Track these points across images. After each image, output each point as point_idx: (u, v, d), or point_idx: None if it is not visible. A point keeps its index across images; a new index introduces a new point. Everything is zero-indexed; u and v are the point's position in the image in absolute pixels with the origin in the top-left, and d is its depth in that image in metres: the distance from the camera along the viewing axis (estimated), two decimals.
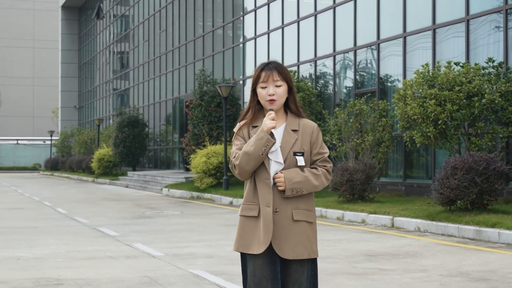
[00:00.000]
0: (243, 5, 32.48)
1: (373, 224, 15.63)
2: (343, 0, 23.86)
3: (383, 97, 21.37)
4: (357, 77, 23.19)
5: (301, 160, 4.51)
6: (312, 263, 4.57)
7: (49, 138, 69.32)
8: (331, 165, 4.60)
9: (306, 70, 26.22)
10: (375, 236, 13.55)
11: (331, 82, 24.72)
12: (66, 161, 56.60)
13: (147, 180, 34.76)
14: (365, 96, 20.94)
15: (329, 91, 24.96)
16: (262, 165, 4.50)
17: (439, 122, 15.28)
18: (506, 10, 16.89)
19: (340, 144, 19.97)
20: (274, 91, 4.53)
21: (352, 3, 23.33)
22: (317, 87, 25.34)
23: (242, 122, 4.65)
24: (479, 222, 12.88)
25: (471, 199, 13.75)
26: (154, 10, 45.66)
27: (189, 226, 15.73)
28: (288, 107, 4.64)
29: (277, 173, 4.47)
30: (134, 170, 42.96)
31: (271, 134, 4.49)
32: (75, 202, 24.42)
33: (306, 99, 23.20)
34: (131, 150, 42.08)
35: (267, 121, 4.45)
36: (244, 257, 4.58)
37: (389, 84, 21.82)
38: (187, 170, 33.71)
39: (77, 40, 69.65)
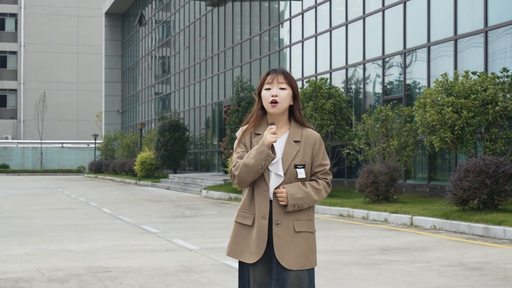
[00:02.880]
0: (279, 14, 33.81)
1: (394, 222, 16.84)
2: (372, 11, 25.08)
3: (409, 103, 22.49)
4: (385, 84, 24.38)
5: (301, 173, 4.52)
6: (311, 270, 4.62)
7: (93, 141, 71.23)
8: (331, 177, 4.65)
9: (338, 77, 27.43)
10: (393, 233, 14.77)
11: (361, 89, 25.91)
12: (109, 164, 58.23)
13: (187, 182, 36.19)
14: (391, 103, 22.11)
15: (359, 97, 26.16)
16: (261, 177, 4.53)
17: (456, 128, 16.43)
18: None
19: (368, 148, 21.16)
20: (277, 93, 4.53)
21: (380, 13, 24.55)
22: (350, 93, 26.55)
23: (245, 128, 4.66)
24: (487, 220, 14.05)
25: (483, 199, 14.91)
26: (195, 17, 47.17)
27: (224, 225, 17.03)
28: (293, 115, 4.65)
29: (279, 188, 4.50)
30: (175, 172, 44.42)
31: (272, 148, 4.50)
32: (119, 203, 25.90)
33: (337, 105, 24.38)
34: (172, 153, 43.53)
35: (268, 135, 4.45)
36: (240, 263, 4.65)
37: (417, 90, 22.93)
38: (226, 172, 35.06)
39: (120, 46, 71.49)
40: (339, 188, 25.32)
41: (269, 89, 4.55)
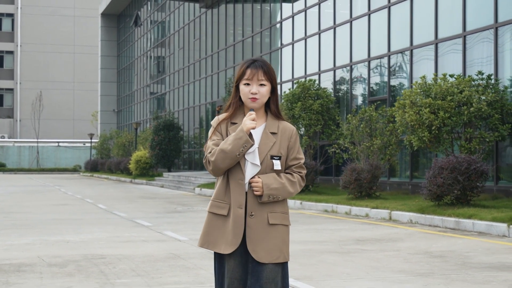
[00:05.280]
0: (271, 17, 34.76)
1: (374, 217, 17.79)
2: (359, 15, 26.04)
3: (393, 104, 23.40)
4: (371, 85, 25.34)
5: (277, 164, 4.46)
6: (285, 264, 4.54)
7: (89, 140, 72.05)
8: (305, 171, 4.63)
9: (326, 79, 28.37)
10: (371, 226, 15.71)
11: (348, 90, 26.87)
12: (105, 162, 59.05)
13: (181, 180, 37.08)
14: (375, 104, 23.05)
15: (346, 98, 27.11)
16: (237, 165, 4.44)
17: (433, 128, 17.38)
18: (496, 27, 18.96)
19: (352, 147, 22.09)
20: (258, 90, 4.45)
21: (366, 18, 25.50)
22: (338, 94, 27.49)
23: (221, 117, 4.57)
24: (458, 214, 15.02)
25: (456, 195, 15.86)
26: (189, 19, 48.10)
27: None
28: (269, 108, 4.59)
29: (254, 178, 4.42)
30: (169, 171, 45.29)
31: (250, 135, 4.41)
32: (114, 199, 26.81)
33: (325, 105, 25.31)
34: (167, 152, 44.40)
35: (247, 121, 4.38)
36: (216, 255, 4.56)
37: (401, 92, 23.84)
38: None
39: (116, 46, 72.33)
40: (327, 185, 26.26)
41: (248, 84, 4.47)
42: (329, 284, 8.58)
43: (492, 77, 18.28)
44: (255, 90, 4.43)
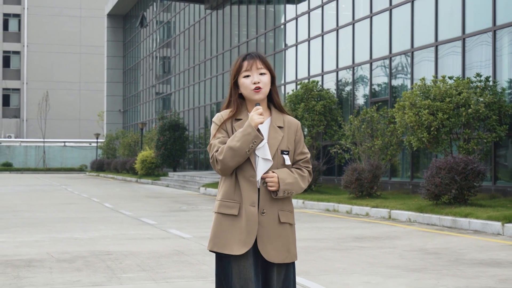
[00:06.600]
0: (275, 18, 35.16)
1: (374, 216, 18.20)
2: (361, 17, 26.44)
3: (394, 106, 23.81)
4: (373, 86, 25.74)
5: (288, 159, 4.33)
6: (293, 264, 4.43)
7: (95, 140, 72.52)
8: (311, 166, 4.52)
9: (329, 80, 28.77)
10: (371, 225, 16.11)
11: (351, 91, 27.27)
12: (111, 162, 59.47)
13: (186, 180, 37.49)
14: (377, 105, 23.45)
15: (349, 99, 27.51)
16: (247, 162, 4.26)
17: (432, 129, 17.78)
18: (494, 30, 19.35)
19: (354, 147, 22.50)
20: (259, 79, 4.30)
21: (368, 20, 25.90)
22: (340, 95, 27.89)
23: (225, 115, 4.39)
24: (455, 213, 15.42)
25: (453, 194, 16.26)
26: (194, 20, 48.54)
27: None
28: (271, 100, 4.45)
29: (268, 173, 4.26)
30: (174, 171, 45.69)
31: (258, 130, 4.26)
32: (120, 198, 27.24)
33: (327, 106, 25.72)
34: (172, 152, 44.81)
35: (254, 116, 4.20)
36: (220, 258, 4.30)
37: (402, 93, 24.25)
38: None
39: (122, 46, 72.77)
40: (329, 185, 26.67)
41: (248, 76, 4.33)
42: (325, 278, 8.99)
43: (490, 79, 18.69)
44: (256, 79, 4.29)
